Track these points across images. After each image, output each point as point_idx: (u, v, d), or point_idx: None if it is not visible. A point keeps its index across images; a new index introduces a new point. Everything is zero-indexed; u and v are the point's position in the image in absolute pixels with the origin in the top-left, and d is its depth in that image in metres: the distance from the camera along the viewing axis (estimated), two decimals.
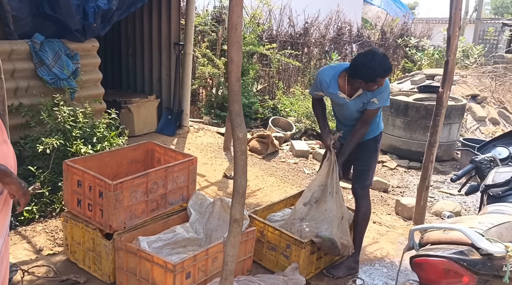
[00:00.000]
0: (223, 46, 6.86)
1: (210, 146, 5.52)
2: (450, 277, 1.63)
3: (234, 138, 1.94)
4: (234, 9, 1.80)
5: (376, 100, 2.83)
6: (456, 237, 1.69)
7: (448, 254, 1.63)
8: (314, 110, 3.29)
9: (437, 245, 1.72)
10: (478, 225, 1.75)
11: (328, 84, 2.90)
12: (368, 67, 2.64)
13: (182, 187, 3.13)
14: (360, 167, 3.13)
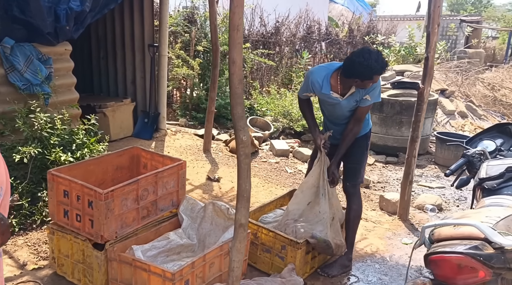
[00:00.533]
0: (197, 47, 6.77)
1: (190, 149, 5.43)
2: (466, 273, 1.65)
3: (238, 142, 1.90)
4: (235, 10, 1.76)
5: (368, 97, 2.85)
6: (468, 232, 1.72)
7: (464, 250, 1.65)
8: (302, 111, 3.26)
9: (449, 241, 1.74)
10: (485, 219, 1.78)
11: (320, 86, 2.88)
12: (365, 65, 2.64)
13: (172, 192, 3.05)
14: (351, 165, 3.14)
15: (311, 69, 3.07)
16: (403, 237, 3.74)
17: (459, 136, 6.13)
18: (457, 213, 1.97)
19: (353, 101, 2.89)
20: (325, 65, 3.05)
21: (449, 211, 4.38)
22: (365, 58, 2.64)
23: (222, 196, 4.23)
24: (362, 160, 3.17)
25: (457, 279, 1.67)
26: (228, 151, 5.54)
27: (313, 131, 3.14)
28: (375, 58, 2.65)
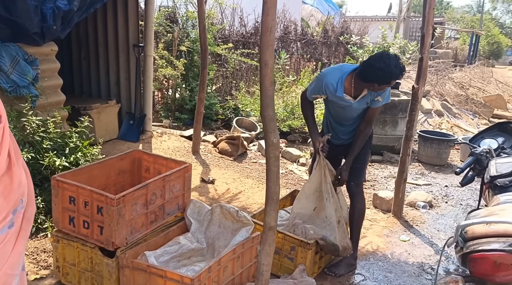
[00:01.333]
0: (180, 47, 6.67)
1: (178, 150, 5.35)
2: (504, 270, 1.70)
3: (268, 144, 1.89)
4: (269, 11, 1.74)
5: (380, 98, 2.88)
6: (502, 229, 1.77)
7: (505, 247, 1.70)
8: (304, 112, 3.23)
9: (484, 238, 1.79)
10: None
11: (335, 88, 2.85)
12: (386, 71, 2.63)
13: (178, 195, 3.00)
14: (355, 164, 3.16)
15: (325, 71, 3.05)
16: (400, 234, 3.82)
17: (440, 134, 6.33)
18: (482, 211, 2.02)
19: (364, 104, 2.92)
20: (337, 67, 3.05)
21: (439, 208, 4.51)
22: (386, 63, 2.63)
23: (219, 198, 4.19)
24: (366, 159, 3.22)
25: (496, 276, 1.73)
26: (217, 152, 5.49)
27: (312, 134, 3.13)
28: (394, 63, 2.65)
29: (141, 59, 5.61)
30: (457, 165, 6.11)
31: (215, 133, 6.33)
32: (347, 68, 2.91)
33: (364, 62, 2.78)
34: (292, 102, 6.59)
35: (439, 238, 3.81)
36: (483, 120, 9.11)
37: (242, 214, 2.88)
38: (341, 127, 3.12)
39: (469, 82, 11.13)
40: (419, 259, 3.42)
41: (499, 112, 9.99)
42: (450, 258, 3.45)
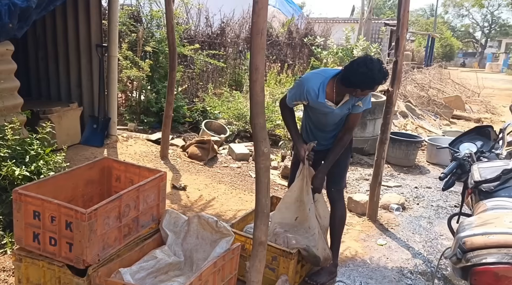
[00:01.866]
0: (144, 47, 6.43)
1: (146, 155, 5.13)
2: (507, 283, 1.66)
3: (258, 154, 1.77)
4: (260, 12, 1.62)
5: (361, 104, 2.81)
6: (503, 240, 1.74)
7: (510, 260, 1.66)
8: (285, 120, 3.07)
9: (484, 249, 1.75)
10: (510, 224, 1.82)
11: (317, 94, 2.74)
12: (369, 76, 2.54)
13: (152, 206, 2.82)
14: (336, 170, 3.08)
15: (305, 76, 2.92)
16: (377, 238, 3.80)
17: (408, 136, 6.42)
18: (475, 219, 1.98)
19: (346, 109, 2.83)
20: (318, 71, 2.95)
21: (411, 209, 4.54)
22: (369, 68, 2.54)
23: (192, 205, 4.02)
24: (346, 164, 3.15)
25: None
26: (186, 156, 5.31)
27: (296, 142, 3.00)
28: (378, 68, 2.56)
29: (105, 60, 5.35)
30: (424, 166, 6.23)
31: (183, 137, 6.14)
32: (328, 73, 2.80)
33: (346, 67, 2.68)
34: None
35: (414, 241, 3.82)
36: (444, 121, 9.38)
37: (221, 224, 2.74)
38: (322, 133, 3.03)
39: (429, 84, 11.45)
40: (398, 264, 3.41)
41: (458, 113, 10.33)
42: (431, 265, 3.46)
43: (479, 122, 10.05)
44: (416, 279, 3.21)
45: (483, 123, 10.02)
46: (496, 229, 1.77)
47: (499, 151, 2.71)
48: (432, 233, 4.00)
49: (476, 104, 11.98)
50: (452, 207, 4.66)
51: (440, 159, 6.30)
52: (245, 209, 4.04)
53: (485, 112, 11.33)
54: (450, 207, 4.66)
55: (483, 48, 48.04)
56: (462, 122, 9.94)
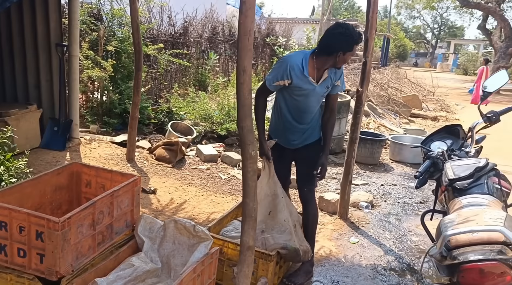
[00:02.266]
0: (106, 47, 6.22)
1: (111, 158, 4.97)
2: (492, 278, 1.71)
3: (246, 157, 1.73)
4: (247, 13, 1.59)
5: (339, 83, 2.85)
6: (486, 237, 1.79)
7: (494, 256, 1.71)
8: (257, 112, 2.98)
9: (469, 246, 1.79)
10: (490, 221, 1.87)
11: (301, 69, 2.75)
12: (348, 34, 2.64)
13: (126, 212, 2.72)
14: (309, 169, 3.08)
15: (285, 55, 2.93)
16: (350, 237, 3.86)
17: (373, 134, 6.57)
18: (454, 217, 2.03)
19: (325, 88, 2.86)
20: (297, 51, 3.02)
21: (379, 207, 4.64)
22: (345, 28, 2.66)
23: (163, 209, 3.92)
24: (316, 163, 3.12)
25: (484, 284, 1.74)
26: (153, 159, 5.18)
27: (262, 138, 2.96)
28: (351, 28, 2.68)
29: (65, 60, 5.13)
30: (388, 163, 6.39)
31: (148, 139, 6.00)
32: (306, 52, 2.86)
33: (323, 37, 2.76)
34: (228, 105, 6.44)
35: (385, 238, 3.91)
36: (404, 120, 9.68)
37: (199, 229, 2.68)
38: (299, 124, 2.96)
39: (387, 83, 11.79)
40: (371, 261, 3.47)
41: (416, 112, 10.70)
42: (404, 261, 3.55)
43: (436, 120, 10.46)
44: (390, 275, 3.28)
45: (439, 121, 10.44)
46: (478, 226, 1.82)
47: (468, 149, 2.80)
48: (401, 229, 4.11)
49: (432, 103, 12.45)
50: (418, 204, 4.80)
51: (403, 156, 6.50)
52: (218, 212, 3.99)
53: (440, 110, 11.80)
54: (416, 204, 4.80)
55: (433, 48, 50.10)
56: (420, 120, 10.30)
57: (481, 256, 1.74)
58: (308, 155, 3.08)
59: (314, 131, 3.06)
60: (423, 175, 2.65)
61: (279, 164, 3.09)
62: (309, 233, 3.17)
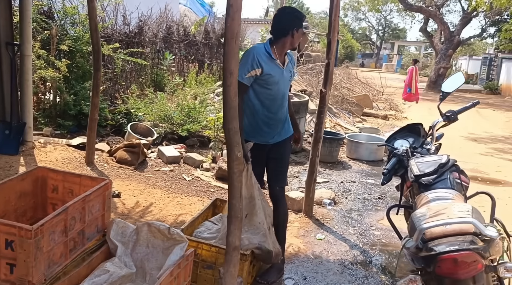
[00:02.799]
0: (59, 46, 5.98)
1: (69, 162, 4.79)
2: (465, 267, 1.83)
3: (232, 159, 1.75)
4: (234, 15, 1.60)
5: (295, 70, 2.97)
6: (458, 228, 1.91)
7: (467, 246, 1.83)
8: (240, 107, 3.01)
9: (443, 238, 1.91)
10: (459, 213, 2.00)
11: (267, 54, 2.86)
12: (295, 11, 2.95)
13: (97, 217, 2.65)
14: (280, 168, 3.15)
15: (250, 47, 3.01)
16: (316, 233, 3.96)
17: (330, 133, 6.75)
18: (425, 210, 2.15)
19: (289, 72, 3.04)
20: (256, 44, 3.14)
21: (341, 203, 4.79)
22: (289, 8, 3.01)
23: (129, 212, 3.84)
24: (288, 162, 3.24)
25: (459, 274, 1.85)
26: (114, 161, 5.05)
27: (242, 139, 2.98)
28: (293, 7, 3.02)
29: (17, 60, 4.89)
30: (346, 161, 6.60)
31: (106, 141, 5.83)
32: (264, 43, 2.99)
33: (274, 22, 2.95)
34: (188, 105, 6.39)
35: (349, 233, 4.04)
36: (357, 118, 10.03)
37: (174, 231, 2.66)
38: (276, 115, 3.00)
39: (340, 84, 12.14)
40: (338, 256, 3.58)
41: (368, 111, 11.11)
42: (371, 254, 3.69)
43: (386, 118, 10.92)
44: (357, 269, 3.40)
45: (389, 120, 10.90)
46: (452, 219, 1.95)
47: (429, 146, 2.97)
48: (364, 224, 4.27)
49: (381, 102, 12.96)
50: (377, 199, 5.00)
51: (359, 154, 6.74)
52: (186, 213, 3.96)
53: (390, 109, 12.31)
54: (375, 199, 5.00)
55: (379, 49, 52.03)
56: (372, 119, 10.71)
57: (455, 247, 1.86)
58: (282, 152, 3.15)
59: (289, 123, 3.16)
60: (390, 172, 2.78)
61: (255, 165, 3.07)
62: (280, 230, 3.23)
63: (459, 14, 25.22)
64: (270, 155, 3.16)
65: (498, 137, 9.76)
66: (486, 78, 24.32)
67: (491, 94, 21.26)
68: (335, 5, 3.77)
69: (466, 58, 31.44)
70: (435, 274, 1.90)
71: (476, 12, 20.84)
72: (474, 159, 7.26)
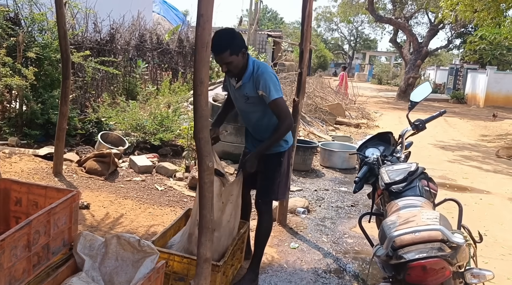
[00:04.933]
0: (26, 53, 5.81)
1: (36, 173, 4.63)
2: (434, 274, 1.84)
3: (203, 169, 1.72)
4: (205, 25, 1.58)
5: (263, 92, 2.81)
6: (427, 235, 1.93)
7: (436, 253, 1.85)
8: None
9: (412, 245, 1.92)
10: (428, 221, 2.03)
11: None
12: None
13: (63, 230, 2.56)
14: (263, 182, 3.11)
15: None
16: (290, 242, 3.95)
17: (304, 142, 6.79)
18: (395, 218, 2.17)
19: (244, 94, 2.91)
20: None
21: (315, 212, 4.80)
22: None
23: (98, 224, 3.73)
24: (274, 176, 3.10)
25: (428, 281, 1.87)
26: (84, 172, 4.92)
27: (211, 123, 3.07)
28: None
29: None
30: (319, 169, 6.64)
31: (76, 151, 5.69)
32: None
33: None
34: (161, 114, 6.31)
35: (322, 241, 4.05)
36: (330, 127, 10.13)
37: (144, 243, 2.59)
38: (251, 131, 3.14)
39: (313, 92, 12.27)
40: (312, 265, 3.58)
41: (340, 119, 11.25)
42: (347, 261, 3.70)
43: (358, 127, 11.08)
44: (330, 278, 3.40)
45: (361, 128, 11.07)
46: (420, 226, 1.97)
47: (398, 154, 3.02)
48: (337, 232, 4.29)
49: (354, 111, 13.17)
50: (350, 207, 5.04)
51: (332, 162, 6.80)
52: (158, 224, 3.89)
53: (362, 118, 12.51)
54: (348, 207, 5.04)
55: (351, 59, 53.04)
56: (344, 127, 10.85)
57: (424, 254, 1.88)
58: (265, 167, 3.11)
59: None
60: (361, 180, 2.80)
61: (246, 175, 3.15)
62: (259, 243, 3.21)
63: (427, 26, 25.99)
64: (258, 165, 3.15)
65: (465, 145, 10.05)
66: (453, 87, 25.09)
67: (457, 103, 21.93)
68: (307, 15, 3.81)
69: (434, 68, 32.39)
70: (405, 282, 1.91)
71: (442, 24, 21.55)
72: (442, 166, 7.44)
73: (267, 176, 3.09)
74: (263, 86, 2.81)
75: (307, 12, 3.78)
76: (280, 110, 2.87)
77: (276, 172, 3.09)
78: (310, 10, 3.80)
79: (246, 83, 2.88)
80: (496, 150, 9.08)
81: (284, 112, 2.87)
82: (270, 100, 2.84)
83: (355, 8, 25.97)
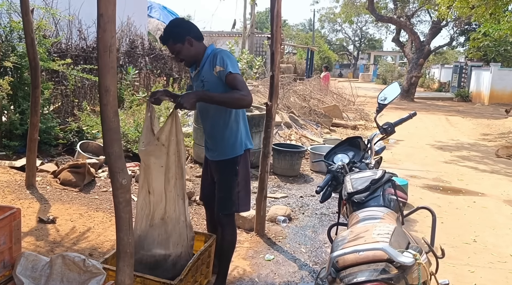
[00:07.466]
0: (3, 62, 5.70)
1: (7, 185, 4.50)
2: None
3: (116, 187, 1.55)
4: (106, 26, 1.43)
5: (220, 67, 2.62)
6: (372, 255, 1.74)
7: (377, 277, 1.65)
8: None
9: (355, 266, 1.73)
10: (378, 237, 1.83)
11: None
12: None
13: (3, 250, 2.41)
14: (221, 193, 2.93)
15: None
16: (265, 254, 3.76)
17: (292, 146, 6.60)
18: (347, 234, 1.99)
19: (200, 82, 2.77)
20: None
21: (297, 220, 4.61)
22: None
23: (61, 240, 3.58)
24: (231, 187, 2.90)
25: None
26: (58, 183, 4.77)
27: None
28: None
29: None
30: (309, 174, 6.45)
31: (55, 161, 5.56)
32: None
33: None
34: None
35: (300, 252, 3.86)
36: (325, 129, 9.92)
37: (90, 263, 2.44)
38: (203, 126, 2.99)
39: (310, 95, 12.07)
40: (285, 278, 3.39)
41: (337, 121, 11.04)
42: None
43: (355, 129, 10.86)
44: None
45: (358, 130, 10.85)
46: (362, 246, 1.78)
47: (368, 160, 2.82)
48: (317, 242, 4.09)
49: (352, 112, 12.93)
50: (334, 214, 4.83)
51: (322, 166, 6.57)
52: None
53: (360, 119, 12.28)
54: (333, 214, 4.83)
55: (356, 60, 52.71)
56: (341, 129, 10.63)
57: (364, 277, 1.69)
58: (221, 177, 2.95)
59: (218, 146, 2.90)
60: (324, 190, 2.61)
61: (203, 175, 3.17)
62: (223, 257, 3.07)
63: (429, 24, 25.65)
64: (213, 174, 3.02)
65: (464, 144, 9.77)
66: (458, 86, 24.72)
67: (462, 101, 21.58)
68: (276, 15, 3.63)
69: (439, 67, 32.00)
70: None
71: (445, 22, 21.22)
72: (438, 168, 7.20)
73: (224, 187, 2.91)
74: (220, 61, 2.64)
75: (275, 12, 3.60)
76: (237, 83, 2.61)
77: (233, 182, 2.89)
78: (278, 10, 3.62)
79: (202, 67, 2.76)
80: (496, 150, 8.81)
81: (241, 85, 2.61)
82: (227, 73, 2.61)
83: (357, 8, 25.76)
